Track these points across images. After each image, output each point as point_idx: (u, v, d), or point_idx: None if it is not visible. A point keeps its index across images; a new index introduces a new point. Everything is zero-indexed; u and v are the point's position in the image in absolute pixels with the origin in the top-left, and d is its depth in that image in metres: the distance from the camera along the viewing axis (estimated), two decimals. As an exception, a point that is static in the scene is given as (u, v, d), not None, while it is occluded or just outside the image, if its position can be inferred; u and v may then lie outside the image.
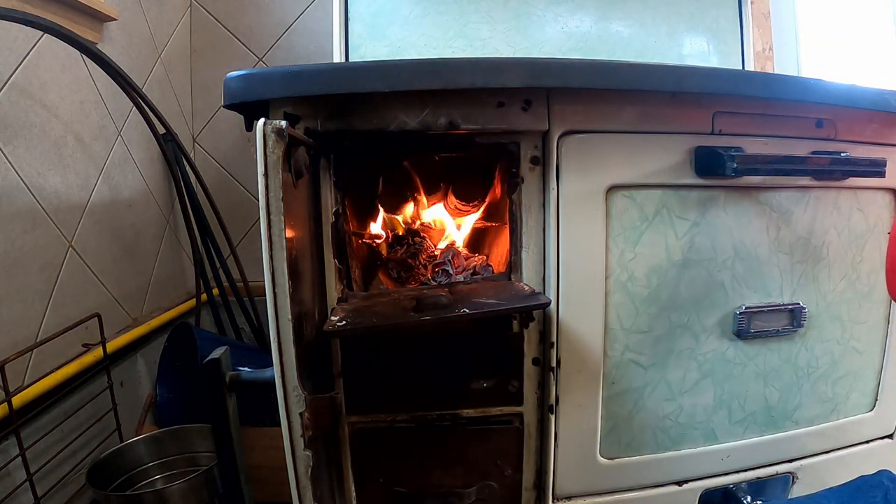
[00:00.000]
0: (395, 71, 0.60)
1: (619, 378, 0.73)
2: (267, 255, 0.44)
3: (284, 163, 0.50)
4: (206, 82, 1.61)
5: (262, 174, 0.43)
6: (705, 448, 0.78)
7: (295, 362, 0.45)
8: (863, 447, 0.85)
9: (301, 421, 0.46)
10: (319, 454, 0.51)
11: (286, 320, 0.45)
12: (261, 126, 0.43)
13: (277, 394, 0.46)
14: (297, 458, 0.46)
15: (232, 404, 0.57)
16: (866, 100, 0.72)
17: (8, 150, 0.92)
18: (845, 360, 0.82)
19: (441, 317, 0.60)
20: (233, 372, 0.56)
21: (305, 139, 0.60)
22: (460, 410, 0.71)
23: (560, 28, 1.28)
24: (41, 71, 1.00)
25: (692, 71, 0.69)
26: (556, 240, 0.69)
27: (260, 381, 0.54)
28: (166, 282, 1.44)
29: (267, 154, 0.43)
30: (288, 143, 0.50)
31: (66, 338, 0.99)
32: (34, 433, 0.92)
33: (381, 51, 1.24)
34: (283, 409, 0.46)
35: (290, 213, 0.51)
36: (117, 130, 1.24)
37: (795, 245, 0.76)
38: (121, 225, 1.24)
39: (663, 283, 0.72)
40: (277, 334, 0.45)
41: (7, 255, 0.91)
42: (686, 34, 1.32)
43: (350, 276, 0.71)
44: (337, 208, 0.68)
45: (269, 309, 0.45)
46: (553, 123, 0.67)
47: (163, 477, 1.10)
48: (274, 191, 0.44)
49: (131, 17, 1.30)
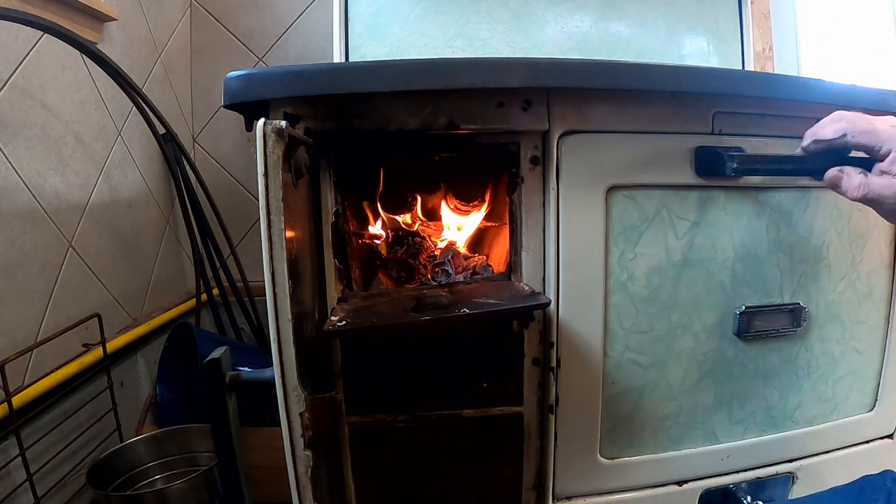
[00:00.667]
0: (395, 71, 0.60)
1: (619, 378, 0.73)
2: (267, 256, 0.44)
3: (284, 163, 0.50)
4: (206, 82, 1.61)
5: (261, 174, 0.43)
6: (705, 448, 0.78)
7: (295, 362, 0.45)
8: (863, 447, 0.85)
9: (301, 421, 0.46)
10: (319, 454, 0.51)
11: (286, 320, 0.45)
12: (261, 126, 0.43)
13: (277, 394, 0.46)
14: (298, 458, 0.47)
15: (232, 404, 0.57)
16: (866, 100, 0.72)
17: (8, 150, 0.92)
18: (845, 360, 0.82)
19: (441, 317, 0.60)
20: (233, 372, 0.56)
21: (305, 139, 0.60)
22: (460, 410, 0.71)
23: (560, 28, 1.28)
24: (41, 71, 1.00)
25: (692, 71, 0.69)
26: (555, 240, 0.69)
27: (260, 381, 0.54)
28: (166, 282, 1.44)
29: (267, 154, 0.43)
30: (288, 143, 0.50)
31: (66, 338, 0.99)
32: (34, 433, 0.92)
33: (381, 51, 1.24)
34: (283, 409, 0.46)
35: (290, 213, 0.51)
36: (117, 130, 1.24)
37: (795, 245, 0.76)
38: (121, 225, 1.24)
39: (663, 283, 0.72)
40: (277, 334, 0.45)
41: (7, 255, 0.91)
42: (686, 34, 1.32)
43: (350, 276, 0.71)
44: (337, 208, 0.68)
45: (269, 309, 0.45)
46: (553, 123, 0.67)
47: (163, 477, 1.10)
48: (274, 191, 0.44)
49: (131, 17, 1.30)
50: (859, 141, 0.57)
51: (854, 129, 0.58)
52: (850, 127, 0.58)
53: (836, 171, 0.60)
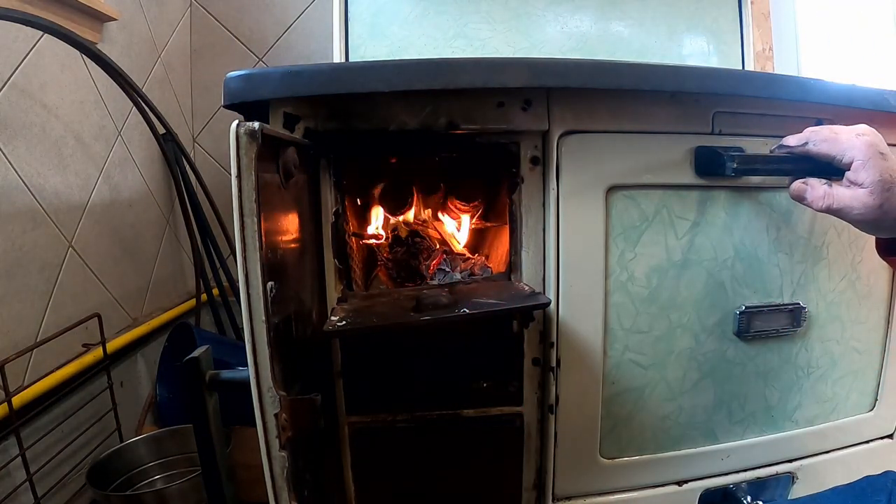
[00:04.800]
0: (395, 71, 0.60)
1: (619, 378, 0.73)
2: (240, 257, 0.44)
3: (271, 164, 0.50)
4: (206, 82, 1.61)
5: (234, 176, 0.43)
6: (705, 448, 0.78)
7: (269, 363, 0.45)
8: (863, 447, 0.85)
9: (277, 422, 0.46)
10: (299, 456, 0.51)
11: (260, 322, 0.44)
12: (234, 128, 0.43)
13: (252, 395, 0.45)
14: (273, 459, 0.46)
15: (213, 403, 0.56)
16: (866, 100, 0.72)
17: (8, 150, 0.92)
18: (845, 360, 0.82)
19: (441, 317, 0.60)
20: (213, 371, 0.56)
21: (294, 138, 0.60)
22: (460, 410, 0.71)
23: (560, 28, 1.28)
24: (41, 71, 1.00)
25: (692, 71, 0.69)
26: (555, 240, 0.69)
27: (238, 381, 0.54)
28: (166, 282, 1.44)
29: (240, 156, 0.43)
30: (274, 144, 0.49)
31: (66, 338, 0.99)
32: (34, 433, 0.92)
33: (381, 51, 1.24)
34: (257, 410, 0.46)
35: (275, 213, 0.51)
36: (117, 130, 1.24)
37: (795, 245, 0.76)
38: (121, 225, 1.24)
39: (663, 283, 0.72)
40: (252, 336, 0.45)
41: (7, 255, 0.91)
42: (686, 34, 1.32)
43: (350, 276, 0.71)
44: (337, 208, 0.68)
45: (243, 311, 0.44)
46: (553, 123, 0.67)
47: (163, 477, 1.10)
48: (247, 192, 0.43)
49: (131, 17, 1.30)
50: (820, 150, 0.58)
51: (816, 137, 0.58)
52: (812, 136, 0.59)
53: (799, 182, 0.60)
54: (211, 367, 0.56)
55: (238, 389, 0.52)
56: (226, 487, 0.58)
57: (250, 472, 0.73)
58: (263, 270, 0.44)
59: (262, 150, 0.44)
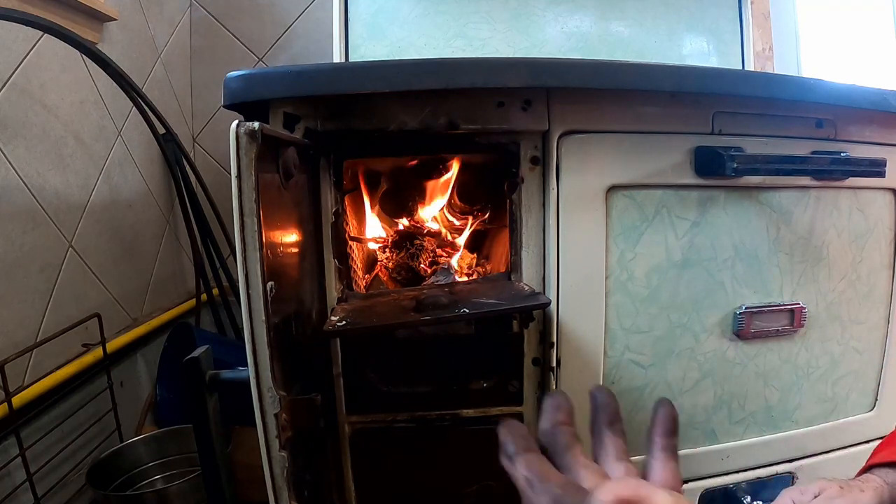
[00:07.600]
0: (395, 71, 0.60)
1: (619, 378, 0.73)
2: (240, 257, 0.44)
3: (271, 163, 0.50)
4: (206, 82, 1.61)
5: (234, 176, 0.43)
6: (705, 448, 0.78)
7: (269, 364, 0.45)
8: (863, 447, 0.85)
9: (277, 422, 0.46)
10: (299, 456, 0.51)
11: (260, 322, 0.44)
12: (234, 128, 0.43)
13: (252, 395, 0.45)
14: (273, 460, 0.47)
15: (213, 403, 0.56)
16: (866, 100, 0.72)
17: (8, 150, 0.92)
18: (845, 360, 0.82)
19: (441, 317, 0.60)
20: (213, 371, 0.56)
21: (294, 138, 0.60)
22: (460, 410, 0.71)
23: (560, 28, 1.28)
24: (41, 71, 1.00)
25: (692, 71, 0.69)
26: (555, 240, 0.69)
27: (238, 380, 0.54)
28: (166, 282, 1.44)
29: (240, 156, 0.43)
30: (274, 144, 0.49)
31: (65, 338, 0.99)
32: (34, 433, 0.92)
33: (381, 51, 1.24)
34: (257, 410, 0.46)
35: (275, 213, 0.51)
36: (117, 130, 1.24)
37: (795, 245, 0.76)
38: (121, 225, 1.24)
39: (663, 283, 0.72)
40: (252, 336, 0.45)
41: (7, 255, 0.91)
42: (686, 34, 1.32)
43: (350, 276, 0.71)
44: (337, 208, 0.68)
45: (243, 311, 0.45)
46: (553, 123, 0.67)
47: (163, 477, 1.10)
48: (247, 192, 0.43)
49: (131, 17, 1.30)
50: None
51: None
52: None
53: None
54: (211, 367, 0.56)
55: (238, 389, 0.52)
56: (226, 487, 0.58)
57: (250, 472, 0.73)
58: (263, 270, 0.44)
59: (262, 150, 0.44)
